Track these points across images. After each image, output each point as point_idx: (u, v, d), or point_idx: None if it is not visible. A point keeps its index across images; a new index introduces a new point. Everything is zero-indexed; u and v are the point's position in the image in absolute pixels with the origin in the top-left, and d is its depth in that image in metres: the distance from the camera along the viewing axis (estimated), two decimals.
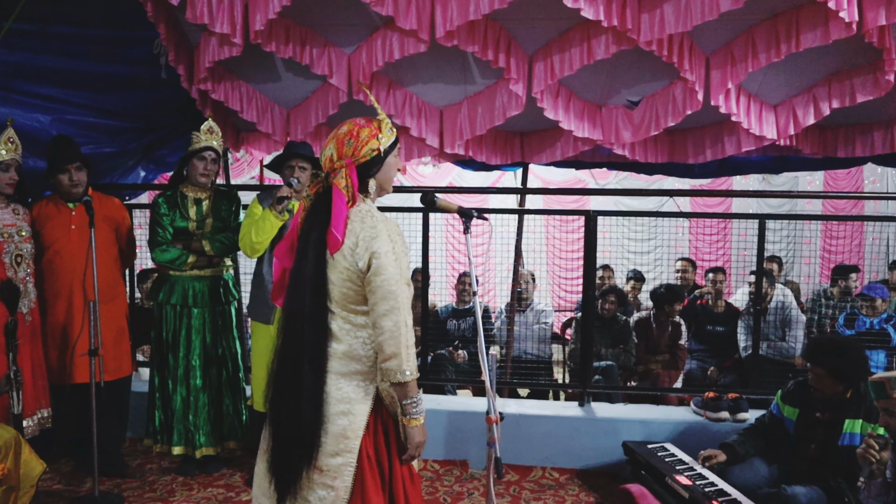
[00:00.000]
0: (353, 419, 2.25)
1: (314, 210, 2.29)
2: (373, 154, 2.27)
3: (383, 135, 2.30)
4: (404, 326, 2.18)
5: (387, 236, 2.20)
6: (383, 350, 2.18)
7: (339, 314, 2.25)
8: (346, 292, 2.23)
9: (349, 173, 2.24)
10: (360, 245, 2.19)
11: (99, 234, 3.90)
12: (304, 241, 2.26)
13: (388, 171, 2.35)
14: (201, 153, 4.05)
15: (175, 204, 4.08)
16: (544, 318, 5.96)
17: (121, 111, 4.64)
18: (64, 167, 3.89)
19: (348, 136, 2.27)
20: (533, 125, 5.03)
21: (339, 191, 2.22)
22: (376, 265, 2.16)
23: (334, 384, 2.25)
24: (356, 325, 2.25)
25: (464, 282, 6.06)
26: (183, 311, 4.08)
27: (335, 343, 2.25)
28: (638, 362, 5.71)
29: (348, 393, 2.25)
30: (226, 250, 4.11)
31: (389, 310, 2.16)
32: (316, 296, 2.22)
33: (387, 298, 2.16)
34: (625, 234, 9.76)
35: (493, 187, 10.05)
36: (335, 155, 2.27)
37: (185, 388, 4.08)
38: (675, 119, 4.28)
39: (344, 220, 2.21)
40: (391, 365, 2.18)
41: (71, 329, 3.93)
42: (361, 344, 2.26)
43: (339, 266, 2.22)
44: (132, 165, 5.20)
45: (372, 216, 2.25)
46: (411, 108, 4.61)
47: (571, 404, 4.77)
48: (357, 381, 2.26)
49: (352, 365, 2.26)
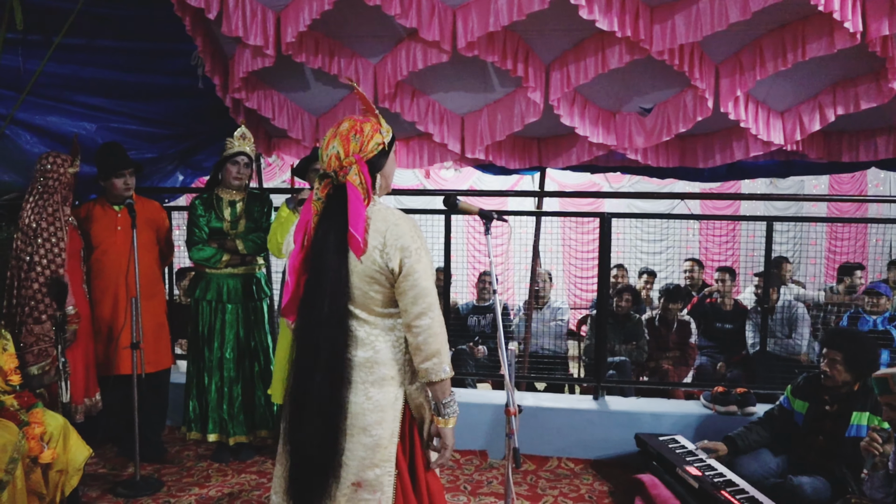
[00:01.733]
0: (387, 427, 2.13)
1: (329, 212, 2.10)
2: (379, 148, 2.15)
3: (384, 128, 2.18)
4: (440, 324, 2.09)
5: (414, 234, 2.10)
6: (422, 350, 2.08)
7: (366, 319, 2.13)
8: (372, 296, 2.11)
9: (361, 169, 2.09)
10: (388, 245, 2.06)
11: (141, 235, 3.95)
12: (321, 246, 2.07)
13: (391, 167, 2.23)
14: (235, 158, 4.09)
15: (210, 206, 4.12)
16: (560, 315, 5.95)
17: (161, 119, 4.68)
18: (120, 172, 3.95)
19: (352, 131, 2.12)
20: (550, 131, 5.01)
21: (354, 189, 2.07)
22: (409, 265, 2.05)
23: (363, 394, 2.11)
24: (385, 328, 2.14)
25: (484, 280, 6.06)
26: (218, 307, 4.11)
27: (360, 351, 2.12)
28: (650, 358, 5.67)
29: (380, 401, 2.12)
30: (258, 249, 4.15)
31: (426, 308, 2.06)
32: (336, 301, 2.05)
33: (423, 296, 2.06)
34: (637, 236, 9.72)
35: (512, 190, 9.98)
36: (342, 152, 2.10)
37: (219, 379, 4.12)
38: (685, 125, 4.25)
39: (364, 220, 2.06)
40: (431, 364, 2.09)
41: (115, 323, 3.99)
42: (391, 347, 2.14)
43: (367, 269, 2.08)
44: (171, 170, 5.25)
45: (392, 213, 2.13)
46: (434, 115, 4.61)
47: (586, 398, 4.76)
48: (387, 388, 2.13)
49: (380, 371, 2.13)
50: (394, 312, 2.15)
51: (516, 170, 5.53)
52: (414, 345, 2.10)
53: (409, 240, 2.07)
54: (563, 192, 10.16)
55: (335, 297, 2.05)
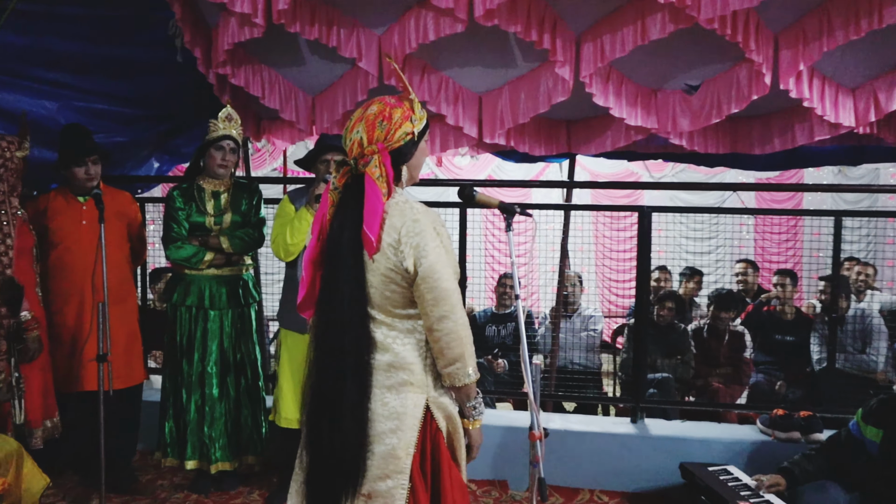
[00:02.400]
0: (402, 436, 2.23)
1: (344, 205, 2.25)
2: (406, 138, 2.25)
3: (416, 117, 2.27)
4: (463, 325, 2.19)
5: (432, 229, 2.19)
6: (445, 354, 2.19)
7: (384, 321, 2.25)
8: (389, 296, 2.22)
9: (383, 160, 2.20)
10: (403, 242, 2.17)
11: (110, 231, 3.95)
12: (336, 242, 2.22)
13: (419, 157, 2.33)
14: (219, 143, 4.10)
15: (191, 197, 4.13)
16: (593, 325, 5.93)
17: (133, 98, 4.70)
18: (81, 159, 3.95)
19: (380, 117, 2.22)
20: (581, 113, 4.99)
21: (372, 182, 2.17)
22: (426, 265, 2.14)
23: (379, 399, 2.23)
24: (403, 330, 2.26)
25: (505, 284, 6.05)
26: (199, 314, 4.12)
27: (379, 354, 2.24)
28: (697, 375, 5.64)
29: (396, 407, 2.23)
30: (246, 248, 4.16)
31: (448, 311, 2.16)
32: (355, 303, 2.20)
33: (443, 299, 2.16)
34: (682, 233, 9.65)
35: (537, 181, 9.97)
36: (365, 139, 2.21)
37: (199, 396, 4.13)
38: (738, 105, 4.21)
39: (379, 216, 2.16)
40: (455, 368, 2.21)
41: (79, 332, 4.00)
42: (410, 351, 2.26)
43: (381, 268, 2.20)
44: (145, 156, 5.27)
45: (412, 207, 2.21)
46: (447, 94, 4.60)
47: (623, 420, 4.74)
48: (406, 393, 2.25)
49: (399, 375, 2.24)
50: (413, 314, 2.26)
51: (542, 157, 5.51)
52: (436, 349, 2.22)
53: (425, 238, 2.16)
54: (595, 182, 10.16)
55: (353, 299, 2.19)
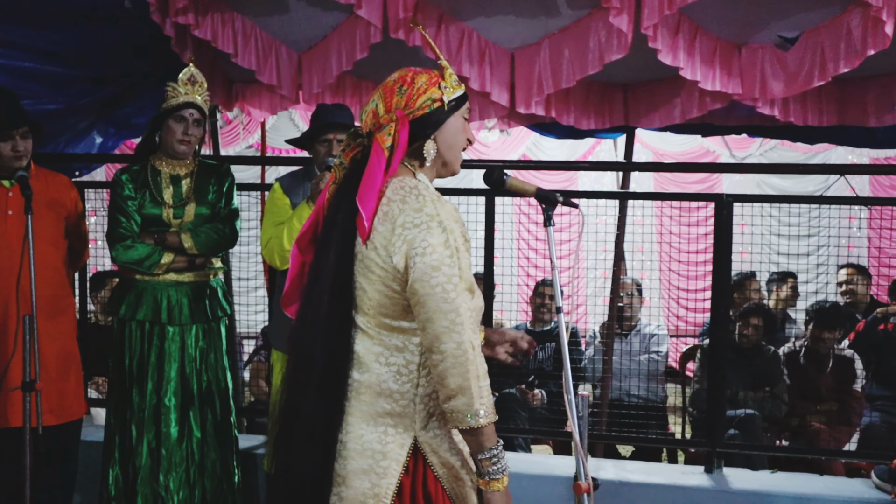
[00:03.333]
0: (377, 481, 2.24)
1: (346, 182, 2.32)
2: (433, 105, 2.29)
3: (447, 83, 2.32)
4: (471, 348, 2.15)
5: (437, 224, 2.18)
6: (445, 385, 2.15)
7: (369, 331, 2.27)
8: (379, 300, 2.23)
9: (399, 129, 2.25)
10: (396, 234, 2.19)
11: (41, 224, 3.94)
12: (330, 224, 2.30)
13: (453, 135, 2.36)
14: (179, 112, 4.10)
15: (144, 183, 4.13)
16: (655, 346, 5.93)
17: (68, 53, 4.72)
18: (6, 132, 3.96)
19: (400, 82, 2.31)
20: (642, 74, 5.00)
21: (378, 150, 2.23)
22: (422, 265, 2.14)
23: (354, 430, 2.25)
24: (391, 347, 2.26)
25: (543, 293, 6.04)
26: (153, 331, 4.12)
27: (357, 372, 2.26)
28: (791, 412, 5.61)
29: (372, 443, 2.24)
30: (214, 247, 4.16)
31: (449, 327, 2.13)
32: (335, 301, 2.24)
33: (443, 312, 2.14)
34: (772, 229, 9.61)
35: (585, 161, 9.98)
36: (381, 108, 2.30)
37: (154, 436, 4.12)
38: (849, 64, 4.19)
39: (377, 192, 2.21)
40: (458, 404, 2.15)
41: (1, 354, 4.00)
42: (395, 374, 2.25)
43: (371, 263, 2.23)
44: (84, 129, 5.29)
45: (418, 194, 2.24)
46: (471, 51, 4.60)
47: (695, 469, 4.72)
48: (385, 428, 2.26)
49: (379, 403, 2.25)
50: (407, 328, 2.26)
51: (591, 131, 5.51)
52: (436, 376, 2.19)
53: (426, 231, 2.17)
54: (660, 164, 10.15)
55: (333, 297, 2.24)
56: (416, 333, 2.23)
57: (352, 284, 2.25)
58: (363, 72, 5.09)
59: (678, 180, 10.47)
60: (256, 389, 5.95)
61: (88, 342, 4.58)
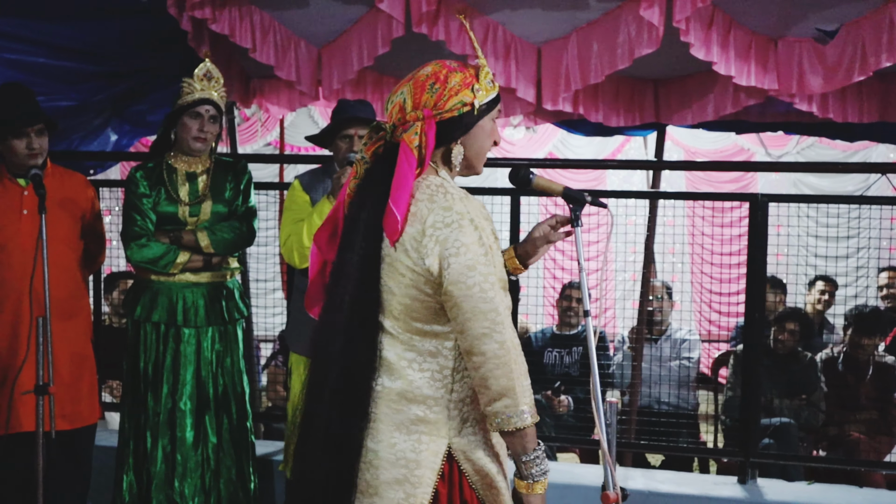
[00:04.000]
0: (412, 490, 2.23)
1: (370, 179, 2.32)
2: (463, 109, 2.27)
3: (480, 86, 2.30)
4: (513, 348, 2.16)
5: (469, 221, 2.19)
6: (488, 387, 2.16)
7: (400, 336, 2.26)
8: (410, 304, 2.23)
9: (426, 129, 2.24)
10: (427, 235, 2.18)
11: (56, 224, 3.95)
12: (352, 222, 2.29)
13: (480, 139, 2.35)
14: (195, 108, 4.11)
15: (159, 180, 4.15)
16: (687, 352, 5.91)
17: (82, 49, 4.74)
18: (22, 129, 3.98)
19: (432, 79, 2.28)
20: (673, 70, 5.00)
21: (407, 149, 2.22)
22: (457, 265, 2.15)
23: (386, 438, 2.24)
24: (423, 352, 2.26)
25: (570, 296, 6.03)
26: (169, 333, 4.13)
27: (388, 379, 2.26)
28: (829, 421, 5.58)
29: (406, 452, 2.24)
30: (231, 246, 4.17)
31: (490, 327, 2.14)
32: (359, 304, 2.24)
33: (482, 312, 2.14)
34: (809, 230, 9.53)
35: (614, 160, 9.96)
36: (409, 103, 2.28)
37: (169, 441, 4.13)
38: (891, 58, 4.17)
39: (409, 192, 2.21)
40: (502, 406, 2.16)
41: (12, 355, 4.01)
42: (429, 380, 2.25)
43: (399, 266, 2.22)
44: (99, 126, 5.32)
45: (445, 192, 2.24)
46: (496, 46, 4.60)
47: (727, 479, 4.70)
48: (419, 435, 2.25)
49: (412, 410, 2.25)
50: (440, 331, 2.26)
51: (621, 129, 5.50)
52: (477, 379, 2.20)
53: (459, 231, 2.17)
54: (692, 162, 10.09)
55: (360, 298, 2.24)
56: (449, 337, 2.25)
57: (377, 287, 2.24)
58: (385, 67, 5.10)
59: (711, 179, 10.43)
60: (274, 394, 5.97)
61: (103, 345, 4.59)
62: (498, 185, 4.79)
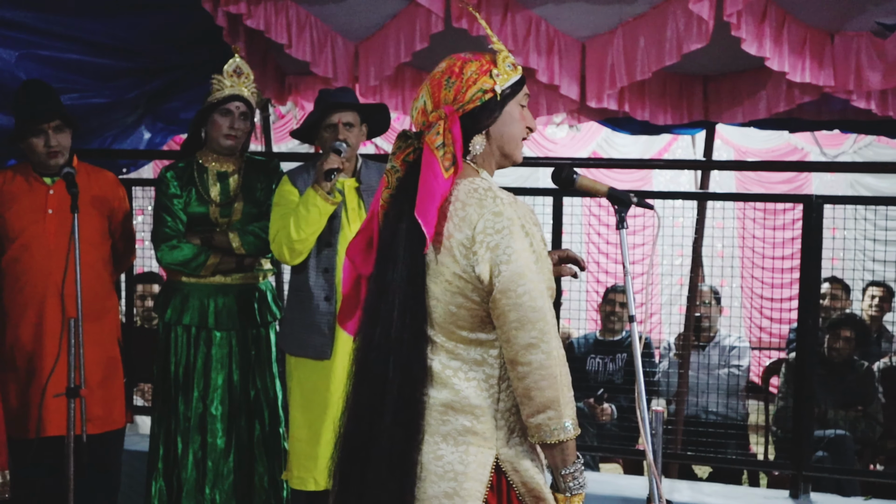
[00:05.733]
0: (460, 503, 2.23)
1: (404, 188, 2.30)
2: (485, 97, 2.27)
3: (499, 70, 2.30)
4: (558, 359, 2.17)
5: (519, 227, 2.19)
6: (532, 398, 2.16)
7: (444, 345, 2.27)
8: (455, 312, 2.23)
9: (449, 126, 2.23)
10: (478, 240, 2.18)
11: (85, 223, 3.96)
12: (390, 234, 2.28)
13: (510, 125, 2.34)
14: (225, 105, 4.13)
15: (190, 180, 4.17)
16: (736, 359, 5.88)
17: (116, 45, 4.77)
18: (38, 126, 4.00)
19: (447, 73, 2.29)
20: (723, 65, 4.97)
21: (430, 155, 2.22)
22: (508, 273, 2.14)
23: (432, 451, 2.24)
24: (469, 361, 2.26)
25: (614, 300, 6.01)
26: (200, 336, 4.15)
27: (434, 389, 2.26)
28: (887, 434, 5.53)
29: (453, 464, 2.23)
30: (263, 247, 4.15)
31: (537, 338, 2.14)
32: (408, 317, 2.23)
33: (530, 322, 2.14)
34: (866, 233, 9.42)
35: (661, 159, 9.92)
36: (429, 104, 2.29)
37: (199, 447, 4.15)
38: None
39: (437, 199, 2.19)
40: (545, 418, 2.17)
41: (40, 358, 4.04)
42: (475, 390, 2.25)
43: (446, 272, 2.22)
44: (132, 124, 5.37)
45: (494, 196, 2.23)
46: (538, 41, 4.58)
47: (778, 494, 4.68)
48: (466, 447, 2.25)
49: (458, 421, 2.25)
50: (485, 339, 2.26)
51: (668, 127, 5.47)
52: (520, 389, 2.19)
53: (510, 236, 2.17)
54: (742, 162, 10.03)
55: (406, 312, 2.23)
56: (495, 345, 2.25)
57: (424, 297, 2.24)
58: (424, 63, 5.09)
59: (762, 180, 10.36)
60: None
61: (134, 347, 4.62)
62: (540, 186, 4.76)
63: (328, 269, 3.90)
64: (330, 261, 3.90)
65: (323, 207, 3.76)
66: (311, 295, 3.94)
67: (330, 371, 3.86)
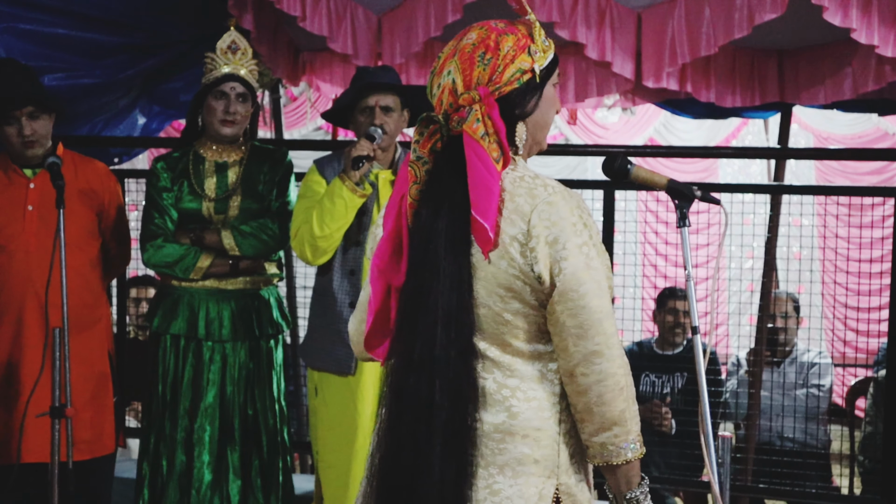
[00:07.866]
0: None
1: (438, 182, 2.23)
2: (523, 78, 2.22)
3: (538, 47, 2.25)
4: (622, 367, 2.15)
5: (578, 217, 2.16)
6: (595, 413, 2.14)
7: (498, 360, 2.22)
8: (510, 321, 2.18)
9: (487, 110, 2.17)
10: (534, 236, 2.12)
11: (72, 220, 3.97)
12: (428, 236, 2.20)
13: (544, 110, 2.31)
14: (219, 86, 4.10)
15: (183, 172, 4.14)
16: (816, 378, 5.83)
17: (108, 17, 4.79)
18: (9, 113, 4.00)
19: (481, 48, 2.21)
20: (802, 39, 4.94)
21: (475, 144, 2.15)
22: (569, 271, 2.11)
23: (484, 483, 2.19)
24: (528, 378, 2.22)
25: (673, 308, 5.94)
26: (189, 347, 4.13)
27: (487, 413, 2.20)
28: None
29: (512, 499, 2.17)
30: (261, 248, 4.13)
31: (603, 342, 2.12)
32: (454, 330, 2.16)
33: (593, 326, 2.11)
34: None
35: (728, 147, 9.91)
36: (460, 83, 2.21)
37: (185, 474, 4.13)
38: None
39: (495, 195, 2.14)
40: (609, 436, 2.15)
41: (20, 375, 4.05)
42: (536, 411, 2.21)
43: (499, 275, 2.16)
44: (125, 107, 5.38)
45: (545, 184, 2.19)
46: (588, 12, 4.56)
47: None
48: (526, 477, 2.19)
49: (517, 448, 2.19)
50: (543, 352, 2.23)
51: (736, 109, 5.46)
52: (580, 405, 2.16)
53: (567, 229, 2.13)
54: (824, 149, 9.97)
55: (453, 324, 2.16)
56: (553, 358, 2.22)
57: (471, 308, 2.17)
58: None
59: (847, 171, 10.32)
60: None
61: (127, 361, 4.61)
62: (589, 177, 4.72)
63: (354, 272, 3.89)
64: (357, 262, 3.88)
65: (350, 200, 3.74)
66: (335, 300, 3.94)
67: (356, 388, 3.86)
